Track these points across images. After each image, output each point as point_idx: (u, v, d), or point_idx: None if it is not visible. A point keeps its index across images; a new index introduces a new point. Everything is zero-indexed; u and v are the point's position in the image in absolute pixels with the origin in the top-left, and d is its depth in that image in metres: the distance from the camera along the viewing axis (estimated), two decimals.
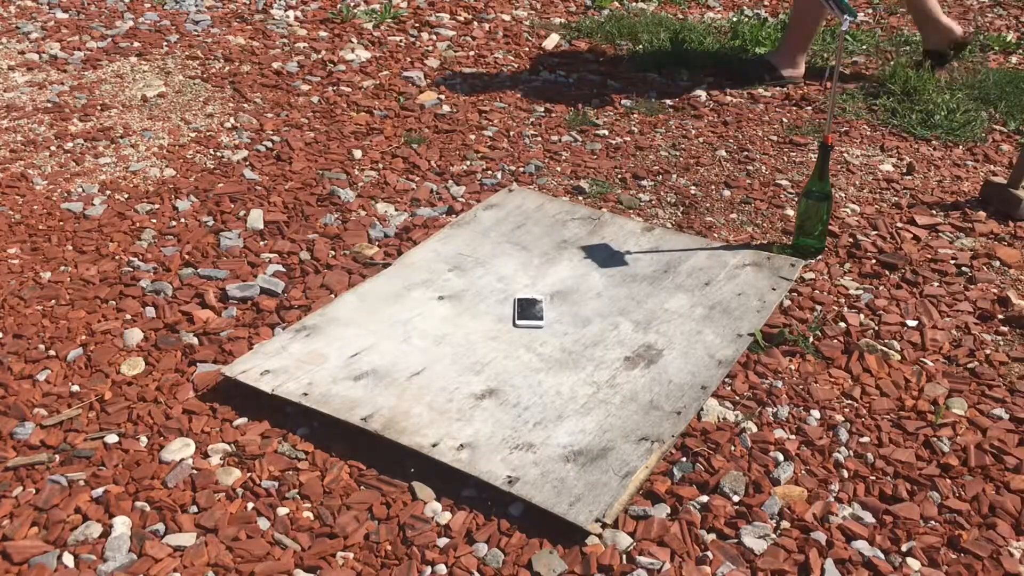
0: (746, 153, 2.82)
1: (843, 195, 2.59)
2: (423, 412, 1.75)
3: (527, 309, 2.03)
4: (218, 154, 2.75)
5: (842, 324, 2.05)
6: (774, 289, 2.14)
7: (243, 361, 1.88)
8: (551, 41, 3.61)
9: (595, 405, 1.78)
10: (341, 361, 1.88)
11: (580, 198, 2.56)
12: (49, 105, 3.02)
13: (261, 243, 2.33)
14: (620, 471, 1.62)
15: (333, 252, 2.30)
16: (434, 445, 1.67)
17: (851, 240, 2.37)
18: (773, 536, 1.54)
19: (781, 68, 3.25)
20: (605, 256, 2.26)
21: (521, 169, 2.70)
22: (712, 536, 1.54)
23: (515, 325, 2.00)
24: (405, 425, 1.71)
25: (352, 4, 3.92)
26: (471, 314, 2.04)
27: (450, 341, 1.95)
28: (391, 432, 1.69)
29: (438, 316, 2.03)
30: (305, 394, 1.78)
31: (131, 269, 2.22)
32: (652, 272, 2.21)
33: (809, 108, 3.12)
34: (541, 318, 2.01)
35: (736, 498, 1.61)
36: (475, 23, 3.79)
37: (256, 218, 2.42)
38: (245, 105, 3.05)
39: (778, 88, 3.25)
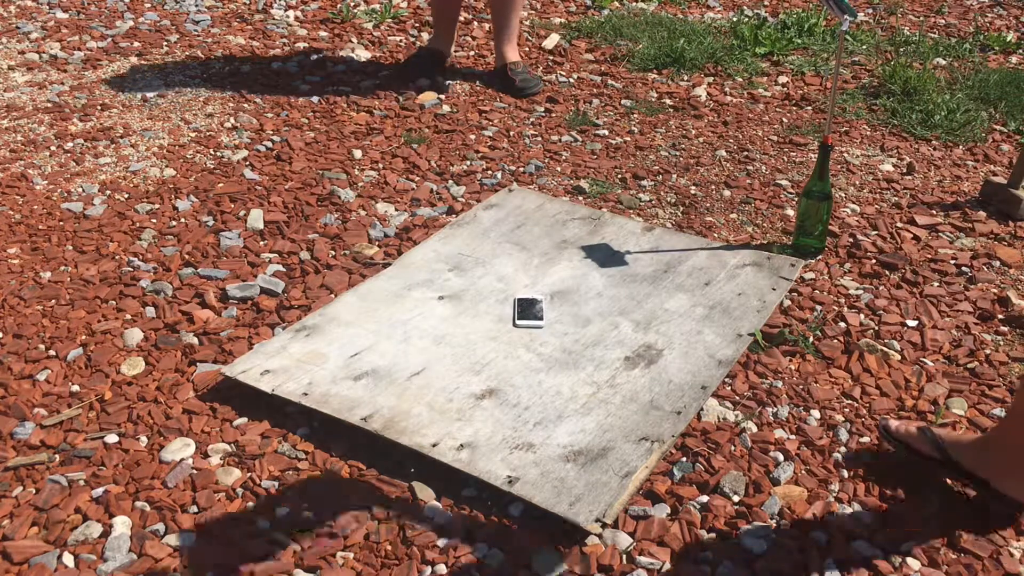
0: (746, 153, 2.82)
1: (843, 195, 2.59)
2: (423, 412, 1.75)
3: (527, 309, 2.03)
4: (218, 154, 2.75)
5: (842, 324, 2.05)
6: (774, 289, 2.14)
7: (243, 361, 1.88)
8: (551, 41, 3.61)
9: (595, 405, 1.78)
10: (341, 361, 1.88)
11: (580, 198, 2.56)
12: (49, 105, 3.02)
13: (261, 243, 2.33)
14: (620, 471, 1.62)
15: (333, 252, 2.30)
16: (434, 445, 1.67)
17: (851, 240, 2.37)
18: (773, 536, 1.54)
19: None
20: (605, 256, 2.26)
21: (521, 169, 2.70)
22: (712, 536, 1.54)
23: (515, 325, 2.00)
24: (405, 425, 1.71)
25: (352, 4, 3.92)
26: (471, 314, 2.04)
27: (450, 341, 1.95)
28: (391, 432, 1.69)
29: (438, 316, 2.03)
30: (305, 394, 1.78)
31: (131, 269, 2.22)
32: (652, 272, 2.21)
33: (809, 108, 3.12)
34: (541, 318, 2.01)
35: (736, 498, 1.61)
36: (475, 23, 3.78)
37: (256, 218, 2.42)
38: (245, 105, 3.05)
39: (778, 88, 3.25)
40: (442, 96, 3.14)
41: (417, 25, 3.75)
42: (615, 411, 1.76)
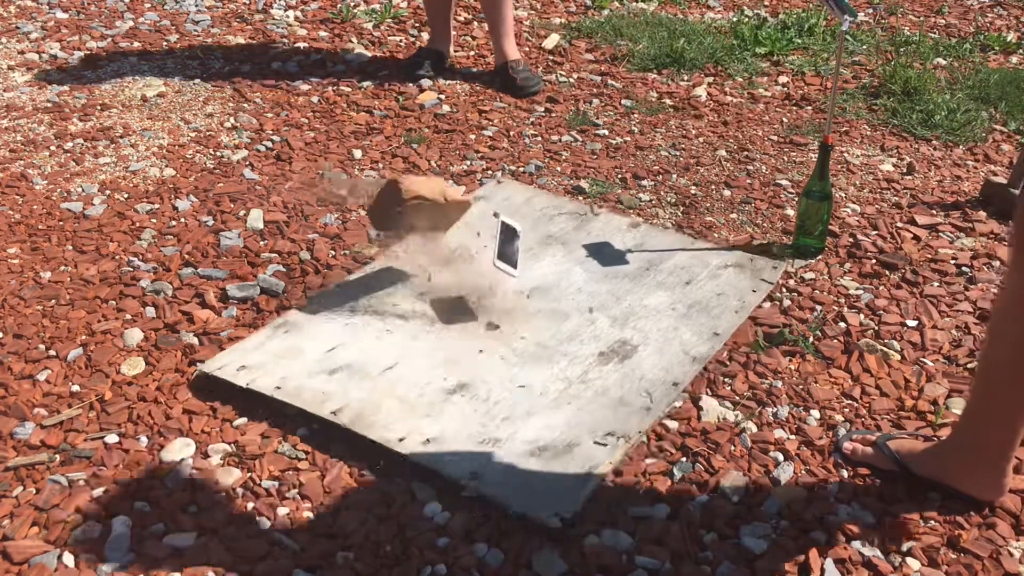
0: (746, 153, 2.82)
1: (843, 195, 2.58)
2: (393, 406, 1.75)
3: (506, 245, 2.03)
4: (218, 154, 2.75)
5: (842, 324, 2.05)
6: (754, 291, 2.13)
7: (221, 357, 1.89)
8: (551, 41, 3.61)
9: (565, 400, 1.78)
10: (318, 355, 1.88)
11: (580, 198, 2.56)
12: (49, 105, 3.02)
13: (261, 243, 2.33)
14: (583, 466, 1.62)
15: (333, 252, 2.30)
16: (401, 439, 1.66)
17: (851, 240, 2.37)
18: (773, 536, 1.54)
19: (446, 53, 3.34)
20: (589, 251, 2.26)
21: (521, 169, 2.70)
22: (712, 536, 1.54)
23: (494, 265, 2.00)
24: (374, 419, 1.71)
25: (352, 4, 3.92)
26: None
27: (426, 336, 1.95)
28: (359, 426, 1.69)
29: (417, 310, 2.03)
30: (278, 387, 1.78)
31: (131, 269, 2.22)
32: (635, 269, 2.20)
33: (809, 108, 3.12)
34: (515, 265, 2.02)
35: (736, 498, 1.61)
36: (475, 23, 3.78)
37: (256, 218, 2.42)
38: (245, 105, 3.05)
39: (778, 88, 3.25)
40: (441, 96, 3.14)
41: (417, 25, 3.75)
42: (585, 406, 1.76)
